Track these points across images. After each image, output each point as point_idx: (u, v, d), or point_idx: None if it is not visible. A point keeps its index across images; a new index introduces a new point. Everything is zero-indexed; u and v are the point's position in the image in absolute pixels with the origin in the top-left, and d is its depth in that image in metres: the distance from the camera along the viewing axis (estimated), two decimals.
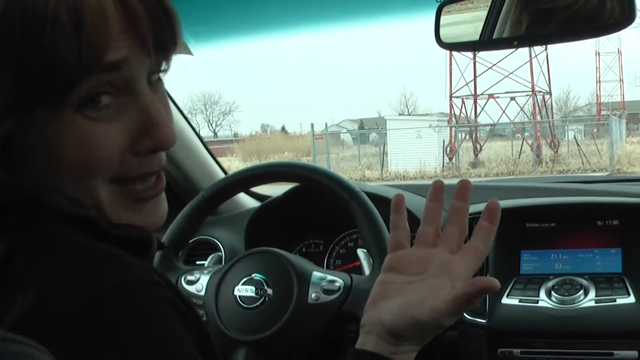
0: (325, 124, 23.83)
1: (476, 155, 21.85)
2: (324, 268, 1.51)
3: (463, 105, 23.80)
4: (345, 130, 32.35)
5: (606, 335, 1.42)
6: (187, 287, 1.35)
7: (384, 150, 21.02)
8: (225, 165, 2.08)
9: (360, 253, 1.45)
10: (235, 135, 47.15)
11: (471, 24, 1.24)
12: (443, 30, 1.26)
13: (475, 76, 23.28)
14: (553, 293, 1.47)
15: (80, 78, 0.56)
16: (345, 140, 29.39)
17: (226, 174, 1.80)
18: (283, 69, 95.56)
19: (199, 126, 43.70)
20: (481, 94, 23.47)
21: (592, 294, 1.45)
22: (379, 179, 18.69)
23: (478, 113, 23.65)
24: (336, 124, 36.72)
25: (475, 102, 23.48)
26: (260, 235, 1.72)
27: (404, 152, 20.08)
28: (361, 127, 34.03)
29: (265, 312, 1.27)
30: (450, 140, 21.25)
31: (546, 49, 22.76)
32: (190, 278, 1.37)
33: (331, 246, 1.74)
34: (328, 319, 1.28)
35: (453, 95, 23.55)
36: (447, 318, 0.73)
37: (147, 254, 0.66)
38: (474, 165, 20.96)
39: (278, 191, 1.79)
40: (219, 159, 2.05)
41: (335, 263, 1.73)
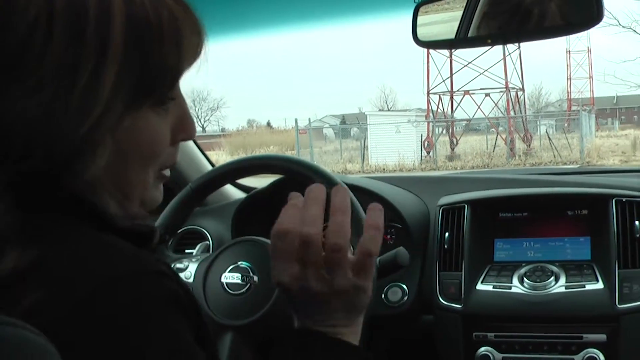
0: (309, 119, 23.83)
1: (452, 149, 22.02)
2: None
3: (440, 101, 24.07)
4: (327, 125, 32.20)
5: (576, 319, 1.47)
6: None
7: (364, 145, 21.09)
8: (213, 158, 2.11)
9: None
10: (223, 130, 47.30)
11: (447, 23, 1.27)
12: (420, 30, 1.29)
13: (451, 73, 23.48)
14: (525, 279, 1.51)
15: (177, 79, 0.66)
16: (327, 135, 29.33)
17: (214, 167, 1.83)
18: (269, 67, 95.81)
19: None
20: (457, 91, 23.65)
21: (563, 280, 1.49)
22: (360, 171, 18.74)
23: (454, 109, 23.82)
24: (319, 119, 36.43)
25: (451, 98, 23.66)
26: (246, 224, 1.74)
27: (383, 146, 20.27)
28: (343, 122, 33.84)
29: (251, 298, 1.30)
30: (427, 134, 21.41)
31: (519, 48, 23.07)
32: (179, 266, 1.40)
33: None
34: None
35: (430, 92, 23.74)
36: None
37: (149, 245, 0.69)
38: (450, 158, 21.14)
39: (263, 183, 1.81)
40: (207, 152, 2.08)
41: None
